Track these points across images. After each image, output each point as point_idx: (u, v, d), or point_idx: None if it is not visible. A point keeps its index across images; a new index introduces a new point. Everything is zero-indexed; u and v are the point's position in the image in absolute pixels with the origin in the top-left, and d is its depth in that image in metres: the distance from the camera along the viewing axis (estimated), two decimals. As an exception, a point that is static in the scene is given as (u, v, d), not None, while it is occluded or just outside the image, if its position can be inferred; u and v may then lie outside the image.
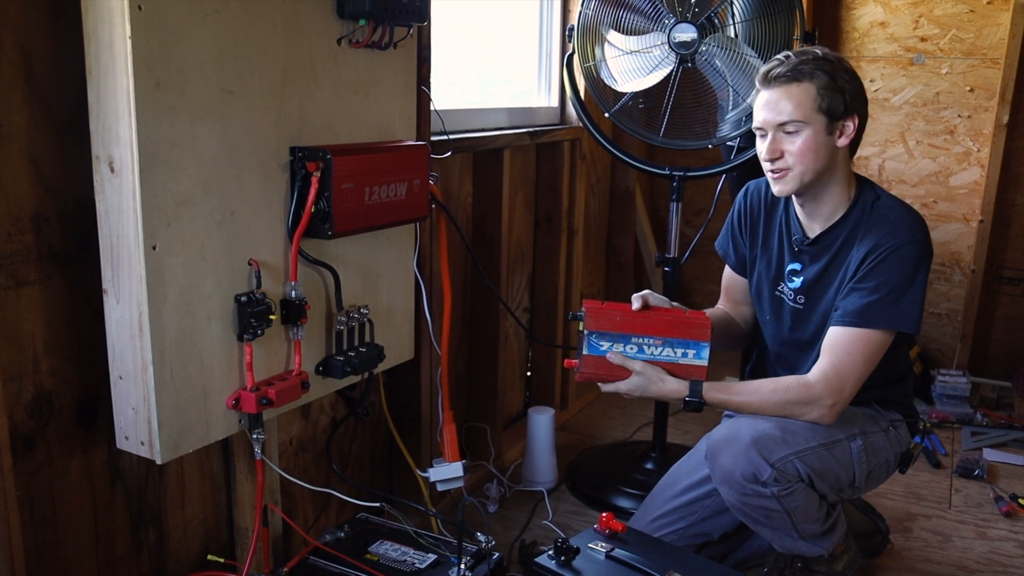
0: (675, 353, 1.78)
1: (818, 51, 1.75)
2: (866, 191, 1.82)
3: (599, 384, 1.83)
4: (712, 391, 1.78)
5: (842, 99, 1.72)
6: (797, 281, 1.88)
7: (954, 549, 2.31)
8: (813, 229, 1.85)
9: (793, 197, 1.85)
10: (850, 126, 1.74)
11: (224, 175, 1.38)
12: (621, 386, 1.80)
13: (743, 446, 1.72)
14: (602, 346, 1.78)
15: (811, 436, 1.75)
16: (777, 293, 1.93)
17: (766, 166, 1.79)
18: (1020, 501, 2.53)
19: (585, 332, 1.78)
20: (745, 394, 1.80)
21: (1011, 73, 3.23)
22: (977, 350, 3.53)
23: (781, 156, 1.76)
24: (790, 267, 1.90)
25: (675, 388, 1.77)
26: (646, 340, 1.77)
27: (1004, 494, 2.58)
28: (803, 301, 1.88)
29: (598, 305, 1.81)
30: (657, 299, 1.86)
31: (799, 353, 1.90)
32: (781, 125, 1.74)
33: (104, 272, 1.32)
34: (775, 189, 1.81)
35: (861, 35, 3.48)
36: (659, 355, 1.78)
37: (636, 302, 1.81)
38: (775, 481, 1.70)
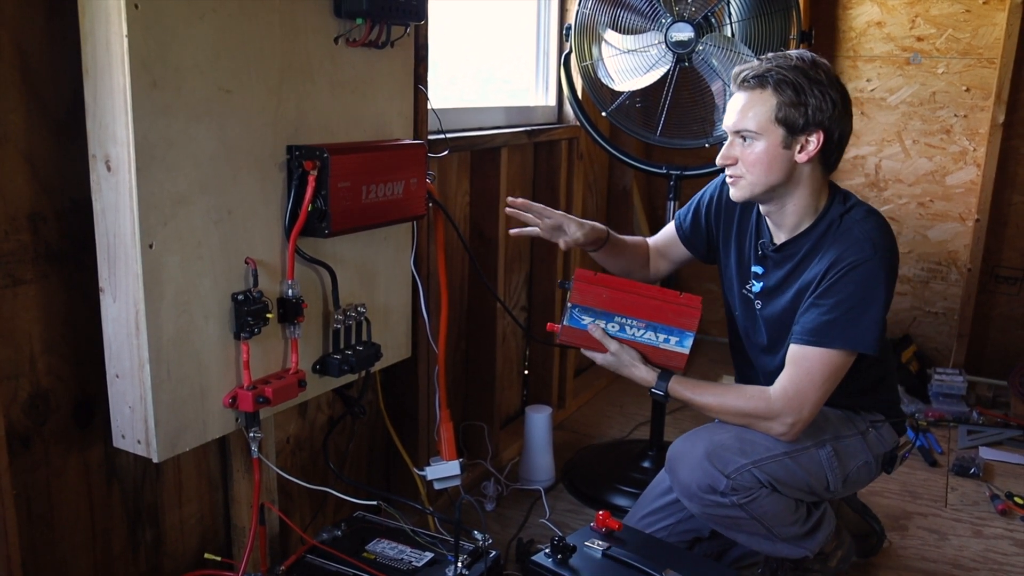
0: (656, 338, 1.77)
1: (795, 56, 1.68)
2: (836, 204, 1.76)
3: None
4: (678, 386, 1.77)
5: (803, 113, 1.64)
6: (758, 285, 1.87)
7: (950, 547, 2.32)
8: (779, 236, 1.82)
9: (759, 205, 1.83)
10: (813, 142, 1.66)
11: (221, 174, 1.38)
12: (598, 357, 1.82)
13: (697, 458, 1.72)
14: (583, 320, 1.78)
15: (773, 445, 1.73)
16: (744, 292, 1.92)
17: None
18: (1016, 499, 2.53)
19: (569, 304, 1.78)
20: (708, 396, 1.78)
21: (1007, 73, 3.24)
22: (973, 349, 3.54)
23: (734, 163, 1.72)
24: (753, 269, 1.89)
25: (643, 376, 1.78)
26: (629, 321, 1.77)
27: (1000, 492, 2.59)
28: (760, 306, 1.87)
29: (589, 276, 1.78)
30: (556, 216, 1.90)
31: (761, 355, 1.90)
32: (737, 131, 1.71)
33: (101, 271, 1.32)
34: (730, 194, 1.79)
35: (858, 35, 3.49)
36: (640, 337, 1.78)
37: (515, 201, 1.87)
38: (732, 491, 1.70)
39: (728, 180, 1.77)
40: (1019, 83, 3.28)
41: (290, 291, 1.52)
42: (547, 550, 1.65)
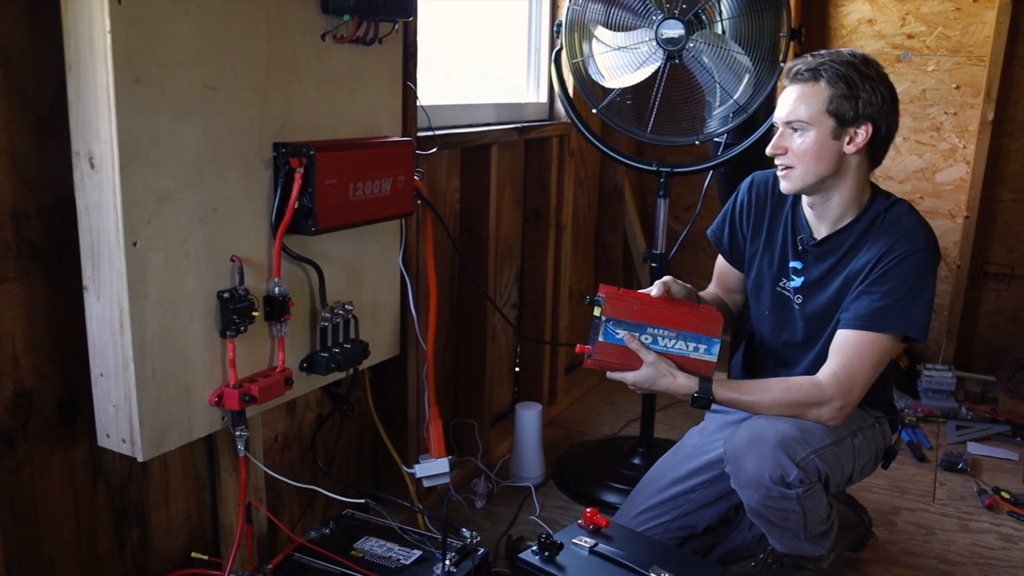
0: (687, 347, 1.78)
1: (847, 53, 1.73)
2: (880, 199, 1.80)
3: (607, 371, 1.83)
4: (722, 389, 1.77)
5: (854, 105, 1.69)
6: (798, 280, 1.88)
7: (937, 542, 2.33)
8: (820, 231, 1.84)
9: (803, 196, 1.85)
10: (861, 134, 1.71)
11: (206, 171, 1.37)
12: (629, 376, 1.79)
13: (770, 448, 1.71)
14: (618, 334, 1.77)
15: (824, 434, 1.76)
16: (779, 289, 1.93)
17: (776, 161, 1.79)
18: (1003, 494, 2.55)
19: (603, 319, 1.77)
20: (756, 393, 1.79)
21: (996, 71, 3.24)
22: (962, 345, 3.55)
23: (784, 153, 1.76)
24: (791, 265, 1.90)
25: (685, 384, 1.76)
26: (661, 331, 1.77)
27: (987, 487, 2.60)
28: (800, 300, 1.88)
29: (615, 291, 1.80)
30: (679, 287, 1.85)
31: (796, 351, 1.91)
32: (789, 123, 1.74)
33: (84, 269, 1.31)
34: (781, 186, 1.81)
35: (849, 32, 3.49)
36: (671, 347, 1.78)
37: (657, 288, 1.80)
38: (800, 482, 1.70)
39: (779, 173, 1.80)
40: (1008, 81, 3.28)
41: (276, 289, 1.51)
42: (534, 548, 1.65)
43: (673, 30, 2.24)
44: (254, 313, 1.47)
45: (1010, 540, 2.34)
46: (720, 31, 2.26)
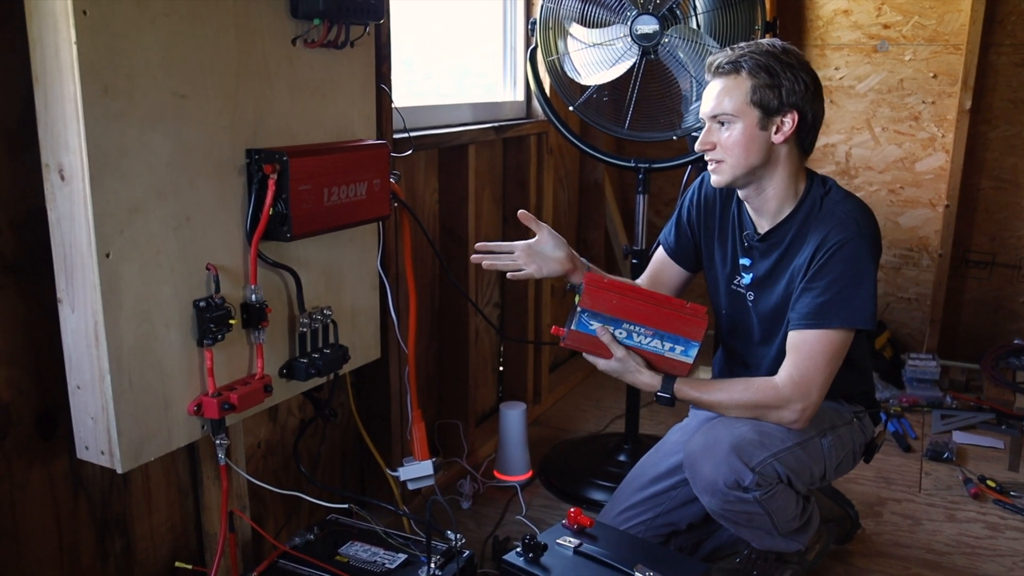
0: (662, 346, 1.77)
1: (766, 43, 1.72)
2: (815, 187, 1.79)
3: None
4: (684, 387, 1.77)
5: (777, 95, 1.68)
6: (747, 277, 1.88)
7: (924, 532, 2.34)
8: (762, 225, 1.84)
9: (738, 191, 1.85)
10: (788, 123, 1.70)
11: (178, 180, 1.36)
12: (599, 363, 1.80)
13: (723, 453, 1.70)
14: (591, 325, 1.76)
15: (786, 437, 1.75)
16: (733, 287, 1.93)
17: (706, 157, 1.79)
18: (988, 483, 2.56)
19: (578, 308, 1.77)
20: (716, 393, 1.79)
21: (972, 59, 3.26)
22: (946, 334, 3.57)
23: (713, 148, 1.75)
24: (741, 262, 1.90)
25: (648, 382, 1.77)
26: (637, 328, 1.76)
27: (972, 476, 2.62)
28: (753, 298, 1.88)
29: (599, 281, 1.78)
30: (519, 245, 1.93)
31: (756, 350, 1.91)
32: (715, 116, 1.74)
33: (58, 281, 1.30)
34: (712, 180, 1.80)
35: (825, 23, 3.50)
36: (646, 344, 1.77)
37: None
38: (757, 486, 1.70)
39: (709, 168, 1.79)
40: (985, 68, 3.30)
41: (253, 296, 1.51)
42: (519, 549, 1.65)
43: (648, 26, 2.24)
44: (231, 321, 1.46)
45: (996, 529, 2.36)
46: (695, 26, 2.26)
